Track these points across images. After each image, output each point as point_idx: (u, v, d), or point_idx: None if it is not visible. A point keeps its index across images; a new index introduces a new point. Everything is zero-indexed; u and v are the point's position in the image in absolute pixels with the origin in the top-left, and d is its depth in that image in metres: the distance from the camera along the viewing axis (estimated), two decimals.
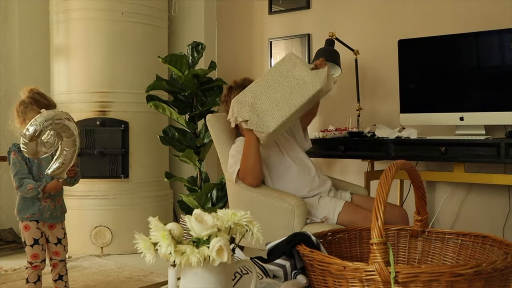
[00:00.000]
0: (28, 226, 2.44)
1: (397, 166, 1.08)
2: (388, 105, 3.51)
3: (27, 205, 2.45)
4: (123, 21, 3.86)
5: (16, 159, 2.42)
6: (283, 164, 2.60)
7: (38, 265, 2.44)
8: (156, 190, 4.04)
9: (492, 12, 3.12)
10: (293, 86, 2.44)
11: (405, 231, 1.36)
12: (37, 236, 2.45)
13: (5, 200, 4.05)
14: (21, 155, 2.39)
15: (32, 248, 2.43)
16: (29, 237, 2.44)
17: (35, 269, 2.44)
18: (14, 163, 2.43)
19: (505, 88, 2.83)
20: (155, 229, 0.97)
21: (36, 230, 2.45)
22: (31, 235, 2.44)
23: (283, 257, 1.23)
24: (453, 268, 0.94)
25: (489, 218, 3.20)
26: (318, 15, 3.86)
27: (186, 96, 3.69)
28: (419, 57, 3.15)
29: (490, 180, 2.84)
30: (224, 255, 0.93)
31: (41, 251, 2.45)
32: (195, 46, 3.77)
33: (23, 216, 2.45)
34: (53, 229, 2.50)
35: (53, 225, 2.49)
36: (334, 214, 2.43)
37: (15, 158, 2.42)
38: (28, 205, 2.45)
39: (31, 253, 2.43)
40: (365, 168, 3.41)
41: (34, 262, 2.44)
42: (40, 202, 2.44)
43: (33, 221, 2.44)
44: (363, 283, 0.99)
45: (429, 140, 2.83)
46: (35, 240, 2.44)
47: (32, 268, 2.43)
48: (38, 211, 2.44)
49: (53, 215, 2.48)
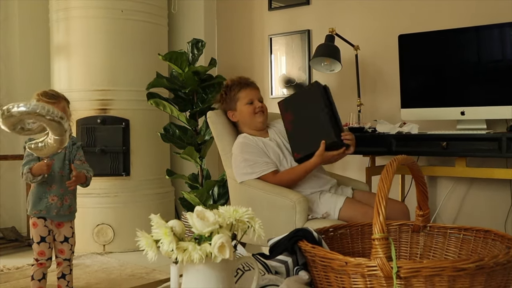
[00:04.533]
0: (36, 223, 2.44)
1: (398, 161, 1.08)
2: (389, 100, 3.50)
3: (35, 201, 2.45)
4: (123, 19, 3.86)
5: (29, 152, 2.40)
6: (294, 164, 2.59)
7: (43, 262, 2.44)
8: (158, 188, 4.04)
9: (493, 6, 3.12)
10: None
11: (406, 226, 1.36)
12: (44, 234, 2.45)
13: (6, 199, 4.06)
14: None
15: (39, 246, 2.43)
16: (36, 234, 2.44)
17: (41, 267, 2.44)
18: (26, 155, 2.42)
19: (506, 82, 2.82)
20: (157, 226, 0.97)
21: (44, 228, 2.45)
22: (38, 232, 2.44)
23: (285, 253, 1.23)
24: (455, 263, 0.94)
25: (491, 213, 3.20)
26: (318, 10, 3.86)
27: (186, 93, 3.69)
28: (420, 52, 3.15)
29: (491, 174, 2.84)
30: (226, 251, 0.93)
31: (47, 249, 2.45)
32: (195, 43, 3.77)
33: (32, 212, 2.45)
34: (61, 227, 2.50)
35: (61, 223, 2.50)
36: (335, 210, 2.43)
37: (28, 151, 2.40)
38: (36, 201, 2.45)
39: (37, 250, 2.44)
40: (366, 164, 3.41)
41: (40, 259, 2.44)
42: (47, 199, 2.44)
43: (41, 218, 2.44)
44: (365, 278, 0.99)
45: (430, 135, 2.83)
46: (42, 238, 2.44)
47: (37, 266, 2.44)
48: (45, 208, 2.44)
49: (60, 214, 2.47)
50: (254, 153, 2.53)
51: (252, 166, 2.51)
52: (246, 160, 2.52)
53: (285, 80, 4.02)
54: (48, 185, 2.45)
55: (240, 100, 2.64)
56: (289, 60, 4.00)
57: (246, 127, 2.66)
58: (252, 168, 2.51)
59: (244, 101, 2.63)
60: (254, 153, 2.53)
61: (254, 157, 2.52)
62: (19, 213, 4.10)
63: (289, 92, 3.95)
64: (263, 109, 2.66)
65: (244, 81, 2.70)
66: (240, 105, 2.64)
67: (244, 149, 2.55)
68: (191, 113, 3.73)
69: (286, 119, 2.57)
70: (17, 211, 4.10)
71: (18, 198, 4.11)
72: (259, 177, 2.50)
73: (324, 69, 3.48)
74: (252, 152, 2.53)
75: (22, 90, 4.06)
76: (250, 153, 2.53)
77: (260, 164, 2.51)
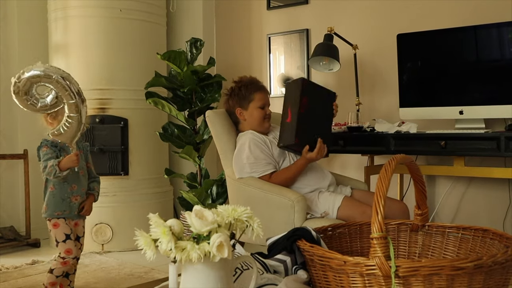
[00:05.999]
0: (57, 224, 2.41)
1: (397, 161, 1.08)
2: (388, 99, 3.51)
3: (57, 202, 2.41)
4: (121, 18, 3.85)
5: (49, 151, 2.38)
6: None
7: (69, 260, 2.42)
8: (156, 187, 4.04)
9: (491, 6, 3.12)
10: None
11: (405, 225, 1.36)
12: (68, 231, 2.43)
13: (5, 198, 4.05)
14: (53, 149, 2.38)
15: (65, 243, 2.41)
16: (60, 233, 2.41)
17: (65, 265, 2.42)
18: (45, 154, 2.37)
19: (505, 82, 2.82)
20: (155, 225, 0.97)
21: (66, 226, 2.42)
22: (62, 230, 2.41)
23: (284, 253, 1.23)
24: (454, 262, 0.94)
25: (489, 212, 3.20)
26: (316, 10, 3.86)
27: (185, 93, 3.69)
28: (418, 51, 3.15)
29: (490, 173, 2.84)
30: (224, 251, 0.93)
31: (74, 247, 2.43)
32: (194, 42, 3.76)
33: (52, 213, 2.41)
34: (76, 226, 2.49)
35: (77, 222, 2.50)
36: (333, 209, 2.44)
37: (47, 150, 2.38)
38: (58, 202, 2.41)
39: (64, 248, 2.40)
40: (365, 163, 3.41)
41: (67, 258, 2.41)
42: (69, 199, 2.43)
43: (61, 218, 2.42)
44: (364, 277, 0.99)
45: (429, 134, 2.83)
46: (67, 235, 2.42)
47: (61, 264, 2.41)
48: (68, 208, 2.43)
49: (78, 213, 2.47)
50: (259, 150, 2.54)
51: (252, 165, 2.52)
52: (248, 158, 2.53)
53: (283, 79, 4.02)
54: (70, 185, 2.43)
55: (254, 102, 2.64)
56: (288, 59, 4.00)
57: (250, 128, 2.66)
58: (251, 167, 2.52)
59: (257, 104, 2.64)
60: (259, 150, 2.54)
61: (258, 154, 2.53)
62: (17, 213, 4.10)
63: None
64: (270, 116, 2.70)
65: (259, 83, 2.72)
66: (252, 107, 2.64)
67: (251, 145, 2.55)
68: (189, 112, 3.73)
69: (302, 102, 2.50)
70: (15, 211, 4.10)
71: (17, 197, 4.10)
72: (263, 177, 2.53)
73: (322, 68, 3.48)
74: (258, 149, 2.54)
75: None
76: (256, 149, 2.54)
77: (261, 165, 2.51)
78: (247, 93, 2.64)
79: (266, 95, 2.71)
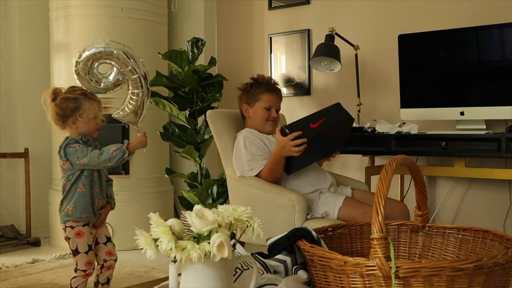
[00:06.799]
0: (82, 232, 2.21)
1: (398, 161, 1.08)
2: (389, 100, 3.50)
3: (86, 205, 2.22)
4: (122, 17, 3.85)
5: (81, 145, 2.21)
6: None
7: (90, 272, 2.24)
8: (157, 186, 4.04)
9: (492, 6, 3.12)
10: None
11: (405, 226, 1.36)
12: (90, 242, 2.23)
13: (6, 197, 4.06)
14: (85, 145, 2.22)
15: (87, 255, 2.21)
16: (84, 244, 2.21)
17: (86, 278, 2.23)
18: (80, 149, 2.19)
19: (506, 83, 2.82)
20: (155, 225, 0.97)
21: (89, 236, 2.23)
22: (85, 241, 2.21)
23: (284, 253, 1.23)
24: (454, 263, 0.94)
25: (490, 213, 3.20)
26: (318, 10, 3.85)
27: (186, 92, 3.69)
28: (420, 51, 3.15)
29: (491, 174, 2.84)
30: (224, 250, 0.93)
31: (94, 257, 2.26)
32: (195, 42, 3.77)
33: (81, 215, 2.21)
34: (98, 228, 2.31)
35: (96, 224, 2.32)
36: (334, 209, 2.44)
37: (81, 146, 2.20)
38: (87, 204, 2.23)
39: (85, 260, 2.21)
40: (365, 164, 3.41)
41: (88, 270, 2.22)
42: (94, 201, 2.25)
43: (86, 225, 2.22)
44: (364, 278, 0.99)
45: (430, 135, 2.83)
46: (89, 246, 2.22)
47: (83, 277, 2.22)
48: (92, 211, 2.24)
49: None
50: (254, 147, 2.53)
51: (250, 162, 2.51)
52: (245, 155, 2.53)
53: (285, 80, 4.02)
54: (95, 187, 2.27)
55: (260, 102, 2.63)
56: (289, 59, 4.00)
57: (252, 127, 2.66)
58: (249, 164, 2.52)
59: (263, 104, 2.63)
60: (254, 147, 2.53)
61: (254, 151, 2.52)
62: (18, 211, 4.10)
63: (289, 92, 3.96)
64: (276, 120, 2.67)
65: (273, 85, 2.69)
66: (257, 106, 2.64)
67: (246, 143, 2.54)
68: (190, 112, 3.73)
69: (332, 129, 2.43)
70: (16, 209, 4.10)
71: (17, 196, 4.10)
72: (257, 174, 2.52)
73: (323, 68, 3.48)
74: (253, 145, 2.53)
75: (21, 89, 4.06)
76: (251, 146, 2.53)
77: (258, 160, 2.51)
78: (256, 91, 2.64)
79: (276, 98, 2.67)
